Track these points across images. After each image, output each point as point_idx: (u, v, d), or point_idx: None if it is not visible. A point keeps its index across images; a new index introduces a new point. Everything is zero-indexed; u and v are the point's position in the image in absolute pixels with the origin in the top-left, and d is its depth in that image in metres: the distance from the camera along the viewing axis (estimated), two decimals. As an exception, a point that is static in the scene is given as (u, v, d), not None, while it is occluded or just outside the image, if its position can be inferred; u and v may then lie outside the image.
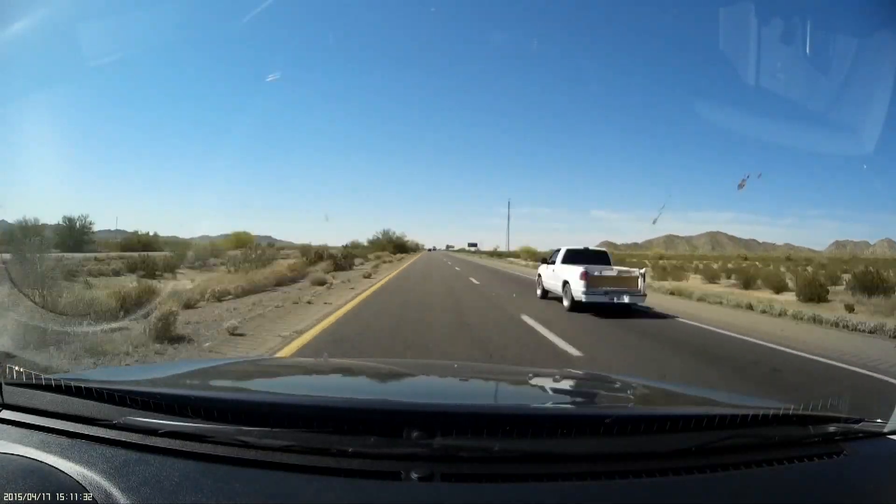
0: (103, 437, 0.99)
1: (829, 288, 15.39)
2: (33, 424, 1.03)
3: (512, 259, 58.32)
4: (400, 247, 76.42)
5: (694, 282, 23.33)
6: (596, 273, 9.85)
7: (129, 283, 9.68)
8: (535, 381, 1.98)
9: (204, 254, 23.94)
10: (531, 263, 36.90)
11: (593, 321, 8.93)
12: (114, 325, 5.98)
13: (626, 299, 9.66)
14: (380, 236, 75.25)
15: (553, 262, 11.85)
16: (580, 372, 2.84)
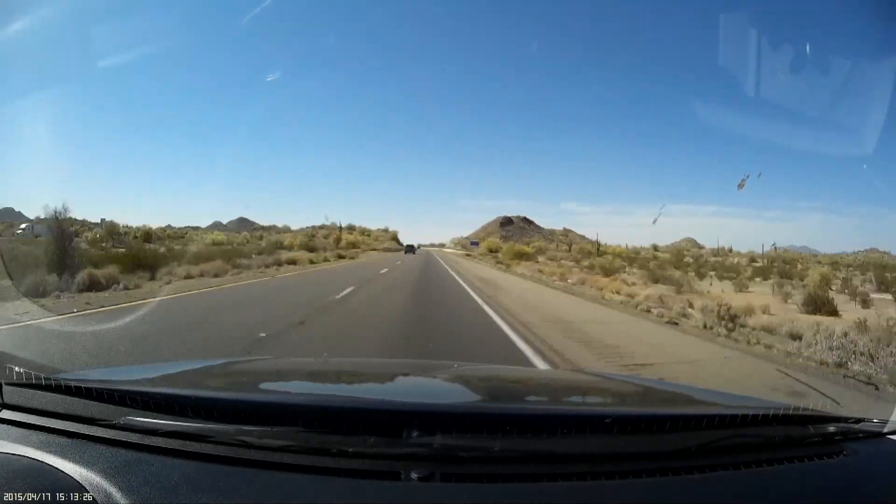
0: (103, 437, 0.99)
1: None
2: (33, 424, 1.03)
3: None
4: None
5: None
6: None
7: None
8: (534, 380, 1.98)
9: None
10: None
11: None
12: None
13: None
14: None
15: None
16: (580, 372, 2.85)
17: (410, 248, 66.84)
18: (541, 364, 4.98)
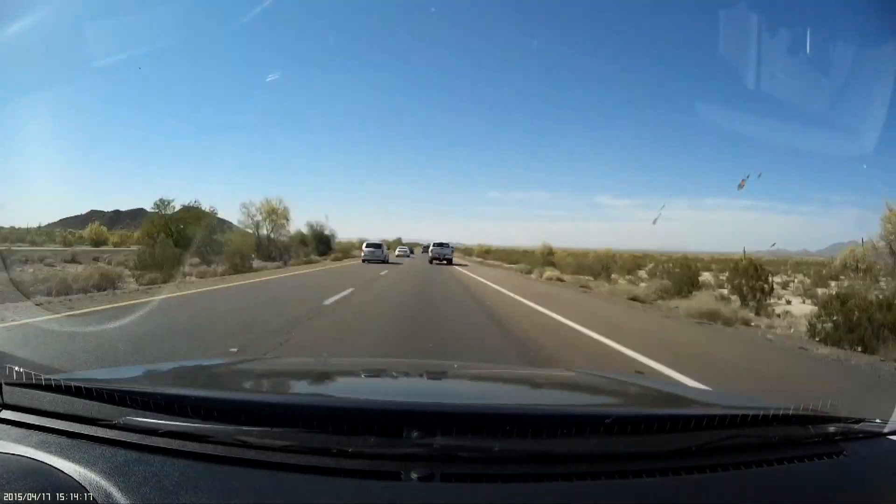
0: (103, 437, 0.99)
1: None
2: (33, 424, 1.03)
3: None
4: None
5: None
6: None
7: None
8: (534, 381, 1.98)
9: None
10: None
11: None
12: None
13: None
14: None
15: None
16: (580, 371, 2.85)
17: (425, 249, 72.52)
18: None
